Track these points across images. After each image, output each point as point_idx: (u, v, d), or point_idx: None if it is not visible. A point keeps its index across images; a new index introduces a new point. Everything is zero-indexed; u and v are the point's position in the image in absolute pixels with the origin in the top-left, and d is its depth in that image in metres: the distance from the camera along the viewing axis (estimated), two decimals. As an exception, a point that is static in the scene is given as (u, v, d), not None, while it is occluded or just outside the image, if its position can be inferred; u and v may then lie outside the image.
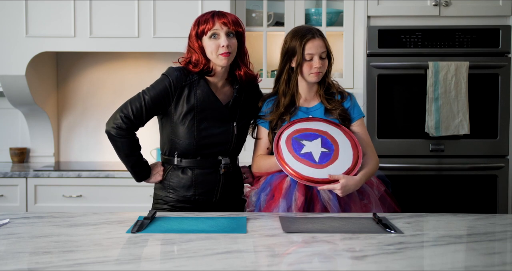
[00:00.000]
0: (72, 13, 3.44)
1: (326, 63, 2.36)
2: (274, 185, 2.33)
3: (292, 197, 2.27)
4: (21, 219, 2.02)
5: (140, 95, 2.24)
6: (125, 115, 2.23)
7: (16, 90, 3.51)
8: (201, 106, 2.24)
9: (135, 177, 2.33)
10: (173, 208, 2.30)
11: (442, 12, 3.43)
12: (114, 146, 2.28)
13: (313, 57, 2.32)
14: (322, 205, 2.26)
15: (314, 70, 2.33)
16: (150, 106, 2.23)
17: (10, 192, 3.38)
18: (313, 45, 2.32)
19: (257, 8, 3.73)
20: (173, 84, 2.22)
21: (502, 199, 3.42)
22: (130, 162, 2.29)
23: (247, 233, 1.83)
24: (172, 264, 1.51)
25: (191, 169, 2.28)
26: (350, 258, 1.58)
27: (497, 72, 3.41)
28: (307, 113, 2.39)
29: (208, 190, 2.29)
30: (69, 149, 3.96)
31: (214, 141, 2.27)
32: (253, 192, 2.37)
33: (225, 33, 2.21)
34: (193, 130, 2.24)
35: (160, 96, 2.23)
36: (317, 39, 2.33)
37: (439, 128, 3.33)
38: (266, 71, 3.64)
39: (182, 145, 2.26)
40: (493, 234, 1.84)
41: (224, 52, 2.20)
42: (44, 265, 1.47)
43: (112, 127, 2.24)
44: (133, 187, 3.34)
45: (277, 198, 2.28)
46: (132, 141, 2.27)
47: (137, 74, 3.92)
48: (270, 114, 2.38)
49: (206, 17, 2.24)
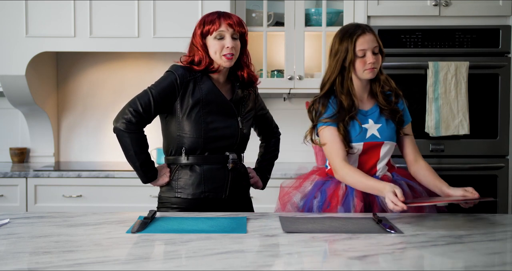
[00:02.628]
0: (72, 13, 3.44)
1: (379, 59, 2.29)
2: (329, 193, 2.30)
3: (350, 203, 2.25)
4: (21, 219, 2.02)
5: (148, 91, 2.25)
6: (134, 109, 2.22)
7: (16, 90, 3.51)
8: (206, 100, 2.25)
9: (143, 177, 2.29)
10: (181, 210, 2.27)
11: (442, 12, 3.43)
12: (122, 144, 2.25)
13: (365, 52, 2.25)
14: (380, 208, 2.25)
15: (368, 66, 2.25)
16: (158, 100, 2.23)
17: (10, 192, 3.38)
18: (364, 41, 2.24)
19: (257, 8, 3.73)
20: (179, 79, 2.23)
21: (502, 199, 3.42)
22: (139, 160, 2.25)
23: (247, 233, 1.83)
24: (172, 264, 1.51)
25: (199, 165, 2.28)
26: (350, 258, 1.58)
27: (497, 72, 3.41)
28: (366, 116, 2.32)
29: (217, 187, 2.28)
30: (69, 149, 3.96)
31: (221, 134, 2.27)
32: (297, 195, 2.34)
33: (230, 34, 2.23)
34: (200, 123, 2.24)
35: (167, 90, 2.24)
36: (367, 34, 2.25)
37: (439, 128, 3.33)
38: (266, 71, 3.64)
39: (189, 140, 2.26)
40: (493, 234, 1.84)
41: (228, 54, 2.22)
42: (44, 265, 1.47)
43: (122, 122, 2.22)
44: (133, 187, 3.34)
45: (334, 205, 2.26)
46: (141, 137, 2.26)
47: (137, 74, 3.92)
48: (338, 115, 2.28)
49: (212, 17, 2.26)
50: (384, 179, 2.31)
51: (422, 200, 2.04)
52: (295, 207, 2.35)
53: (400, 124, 2.36)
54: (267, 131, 2.59)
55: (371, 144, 2.30)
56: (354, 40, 2.25)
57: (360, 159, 2.32)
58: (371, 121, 2.32)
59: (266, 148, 2.59)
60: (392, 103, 2.34)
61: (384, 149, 2.32)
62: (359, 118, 2.30)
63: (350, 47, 2.25)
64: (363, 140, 2.29)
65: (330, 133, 2.29)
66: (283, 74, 3.69)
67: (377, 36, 2.29)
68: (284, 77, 3.64)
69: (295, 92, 3.67)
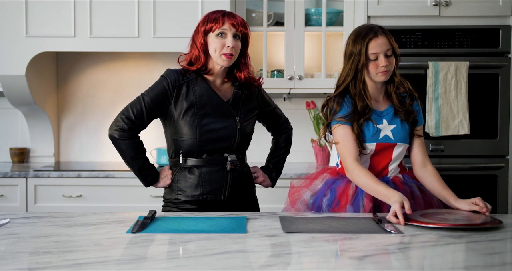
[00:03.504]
0: (72, 13, 3.44)
1: (393, 61, 2.28)
2: (339, 191, 2.31)
3: (360, 203, 2.25)
4: (21, 219, 2.02)
5: (140, 98, 2.27)
6: (126, 117, 2.24)
7: (16, 90, 3.51)
8: (201, 102, 2.25)
9: (143, 181, 2.32)
10: (182, 211, 2.28)
11: (442, 12, 3.43)
12: (119, 151, 2.28)
13: (378, 56, 2.24)
14: (389, 209, 2.25)
15: (381, 69, 2.24)
16: (151, 106, 2.24)
17: (10, 192, 3.38)
18: (376, 44, 2.23)
19: (257, 8, 3.73)
20: (171, 84, 2.24)
21: (502, 199, 3.42)
22: (136, 165, 2.28)
23: (247, 233, 1.83)
24: (172, 264, 1.51)
25: (197, 168, 2.28)
26: (350, 258, 1.58)
27: (497, 72, 3.41)
28: (381, 117, 2.32)
29: (215, 188, 2.28)
30: (69, 149, 3.96)
31: (217, 136, 2.27)
32: (307, 193, 2.35)
33: (232, 34, 2.23)
34: (195, 126, 2.24)
35: (160, 96, 2.24)
36: (380, 37, 2.24)
37: (439, 128, 3.33)
38: (266, 71, 3.64)
39: (185, 143, 2.26)
40: (493, 234, 1.84)
41: (227, 53, 2.21)
42: (44, 265, 1.47)
43: (115, 130, 2.25)
44: (133, 187, 3.34)
45: (344, 204, 2.26)
46: (135, 143, 2.28)
47: (137, 74, 3.92)
48: (352, 115, 2.28)
49: (216, 15, 2.25)
50: (395, 180, 2.31)
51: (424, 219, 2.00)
52: (305, 204, 2.35)
53: (414, 125, 2.35)
54: (276, 127, 2.56)
55: (384, 145, 2.30)
56: (366, 44, 2.24)
57: (372, 159, 2.32)
58: (385, 122, 2.31)
59: (276, 143, 2.57)
60: (407, 105, 2.33)
61: (397, 150, 2.31)
62: (374, 118, 2.30)
63: (363, 50, 2.24)
64: (376, 140, 2.29)
65: (344, 133, 2.28)
66: (283, 74, 3.69)
67: (391, 38, 2.27)
68: (284, 77, 3.64)
69: (295, 92, 3.67)
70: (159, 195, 3.04)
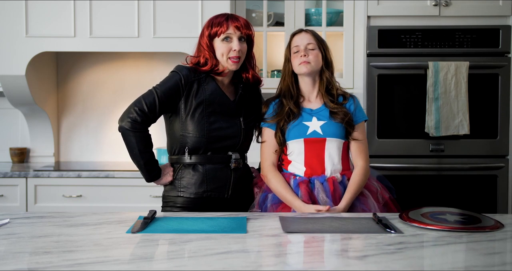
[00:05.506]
0: (72, 13, 3.44)
1: (316, 55, 2.39)
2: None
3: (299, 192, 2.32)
4: (21, 219, 2.02)
5: (153, 91, 2.29)
6: (140, 108, 2.25)
7: (16, 90, 3.51)
8: (210, 101, 2.28)
9: (147, 175, 2.32)
10: (184, 209, 2.30)
11: (442, 12, 3.43)
12: (127, 143, 2.28)
13: (299, 49, 2.38)
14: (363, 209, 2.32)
15: (301, 59, 2.36)
16: (163, 99, 2.26)
17: (10, 192, 3.38)
18: (298, 38, 2.42)
19: (257, 8, 3.73)
20: (183, 79, 2.27)
21: (502, 199, 3.42)
22: (143, 159, 2.28)
23: (247, 233, 1.83)
24: (172, 264, 1.51)
25: (202, 165, 2.30)
26: (350, 258, 1.58)
27: (497, 72, 3.41)
28: (311, 115, 2.39)
29: (220, 186, 2.31)
30: (69, 149, 3.96)
31: (223, 134, 2.30)
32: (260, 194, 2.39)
33: (238, 37, 2.28)
34: (203, 123, 2.27)
35: (172, 90, 2.27)
36: (303, 33, 2.43)
37: (439, 128, 3.33)
38: (266, 71, 3.64)
39: (192, 140, 2.28)
40: (493, 234, 1.84)
41: (234, 56, 2.27)
42: (44, 265, 1.47)
43: (127, 121, 2.25)
44: (133, 187, 3.34)
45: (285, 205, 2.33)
46: (145, 136, 2.29)
47: (137, 74, 3.92)
48: (276, 116, 2.38)
49: (220, 19, 2.30)
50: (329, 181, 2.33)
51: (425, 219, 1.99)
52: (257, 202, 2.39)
53: (350, 125, 2.38)
54: None
55: (312, 140, 2.34)
56: (291, 39, 2.45)
57: (306, 155, 2.35)
58: (315, 119, 2.37)
59: None
60: (339, 104, 2.39)
61: (329, 145, 2.35)
62: (304, 116, 2.37)
63: (288, 45, 2.44)
64: (304, 136, 2.34)
65: (266, 136, 2.41)
66: (283, 74, 3.69)
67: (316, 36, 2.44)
68: (284, 77, 3.64)
69: (295, 92, 3.67)
70: (159, 195, 3.05)
